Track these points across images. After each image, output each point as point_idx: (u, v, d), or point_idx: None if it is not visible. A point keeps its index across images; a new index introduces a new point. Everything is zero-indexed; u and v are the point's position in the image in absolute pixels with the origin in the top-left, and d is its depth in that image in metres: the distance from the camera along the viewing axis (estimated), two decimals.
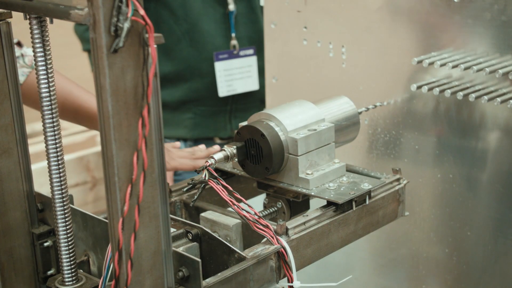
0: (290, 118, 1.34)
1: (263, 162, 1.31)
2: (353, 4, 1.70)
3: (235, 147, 1.33)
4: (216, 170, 1.32)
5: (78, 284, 1.13)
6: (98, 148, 2.46)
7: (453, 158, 1.60)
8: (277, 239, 1.17)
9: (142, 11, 0.90)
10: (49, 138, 1.08)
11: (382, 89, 1.69)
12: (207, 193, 1.37)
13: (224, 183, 1.26)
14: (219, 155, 1.31)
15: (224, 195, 1.23)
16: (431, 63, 1.52)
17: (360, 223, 1.32)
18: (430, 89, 1.52)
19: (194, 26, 2.30)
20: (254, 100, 2.35)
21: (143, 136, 0.93)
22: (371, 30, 1.67)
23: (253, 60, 2.38)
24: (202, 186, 1.32)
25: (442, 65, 1.50)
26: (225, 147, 1.33)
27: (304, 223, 1.24)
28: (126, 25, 0.89)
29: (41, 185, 1.54)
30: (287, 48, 1.86)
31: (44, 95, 1.06)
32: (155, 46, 0.91)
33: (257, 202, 1.42)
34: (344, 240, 1.30)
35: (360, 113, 1.48)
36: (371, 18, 1.67)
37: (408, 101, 1.65)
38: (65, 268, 1.13)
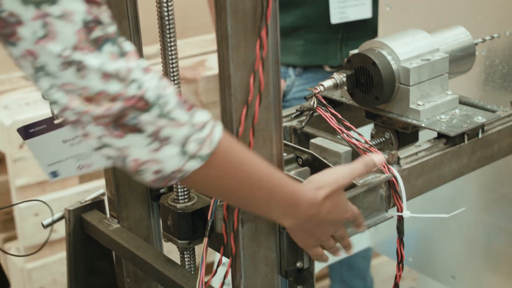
0: (403, 47, 1.30)
1: (373, 91, 1.29)
2: None
3: (345, 75, 1.31)
4: (324, 98, 1.30)
5: (191, 203, 1.16)
6: (207, 72, 2.47)
7: None
8: (388, 168, 1.16)
9: None
10: (167, 59, 1.10)
11: (503, 18, 1.61)
12: (315, 120, 1.36)
13: (333, 111, 1.25)
14: (328, 83, 1.30)
15: (333, 123, 1.23)
16: None
17: (474, 156, 1.29)
18: None
19: None
20: (366, 29, 2.29)
21: (260, 58, 0.92)
22: None
23: None
24: (310, 113, 1.32)
25: None
26: (335, 74, 1.31)
27: (416, 153, 1.22)
28: None
29: None
30: None
31: (164, 14, 1.07)
32: None
33: (365, 132, 1.40)
34: (456, 173, 1.28)
35: (476, 44, 1.43)
36: None
37: None
38: (179, 186, 1.16)
